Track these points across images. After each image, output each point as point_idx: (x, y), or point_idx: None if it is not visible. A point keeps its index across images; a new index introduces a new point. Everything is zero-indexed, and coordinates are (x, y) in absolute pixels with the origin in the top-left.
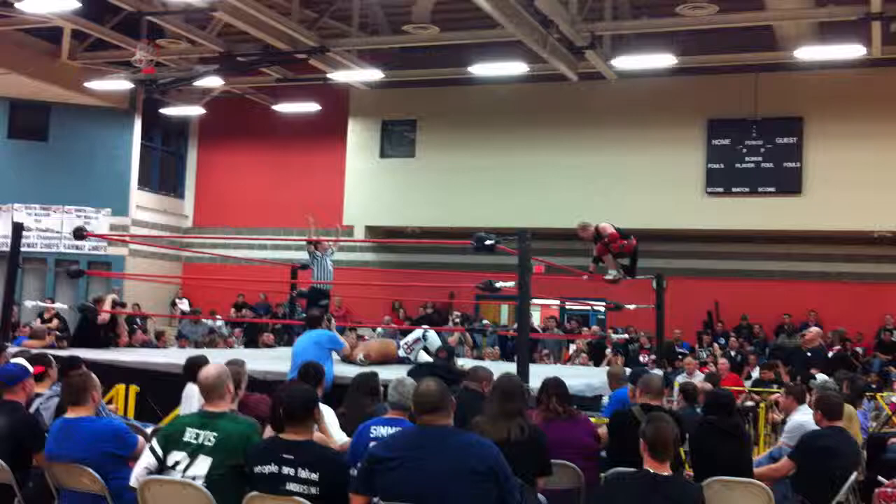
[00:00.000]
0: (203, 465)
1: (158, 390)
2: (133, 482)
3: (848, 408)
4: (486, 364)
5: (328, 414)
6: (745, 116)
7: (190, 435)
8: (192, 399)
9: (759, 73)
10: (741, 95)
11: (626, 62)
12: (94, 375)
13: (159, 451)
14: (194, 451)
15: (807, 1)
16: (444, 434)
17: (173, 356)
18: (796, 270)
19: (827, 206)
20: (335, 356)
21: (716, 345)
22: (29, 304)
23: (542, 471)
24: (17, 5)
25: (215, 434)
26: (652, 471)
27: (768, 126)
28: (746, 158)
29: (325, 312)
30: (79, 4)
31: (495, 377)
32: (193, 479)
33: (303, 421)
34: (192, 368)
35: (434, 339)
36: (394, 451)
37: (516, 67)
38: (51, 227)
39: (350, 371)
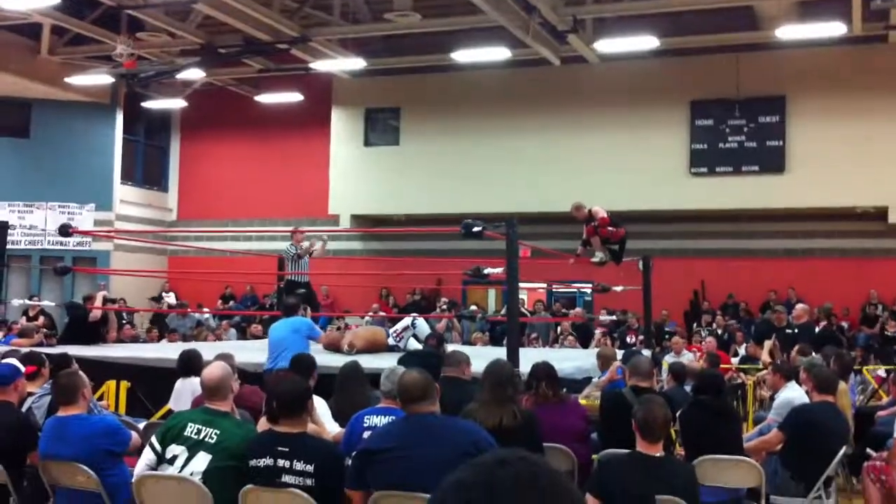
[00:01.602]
0: (202, 461)
1: (149, 385)
2: (134, 480)
3: (840, 384)
4: (476, 349)
5: (320, 405)
6: (728, 96)
7: (191, 430)
8: (182, 394)
9: (741, 53)
10: (723, 76)
11: (608, 45)
12: (82, 374)
13: (157, 447)
14: (194, 447)
15: None
16: (429, 421)
17: (163, 350)
18: (781, 248)
19: (810, 183)
20: (319, 346)
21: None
22: (15, 302)
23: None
24: None
25: (217, 432)
26: (644, 452)
27: (751, 106)
28: (730, 138)
29: (301, 301)
30: (58, 0)
31: (486, 363)
32: (191, 474)
33: (297, 413)
34: (186, 363)
35: (423, 327)
36: (382, 444)
37: (499, 53)
38: (35, 224)
39: (336, 361)
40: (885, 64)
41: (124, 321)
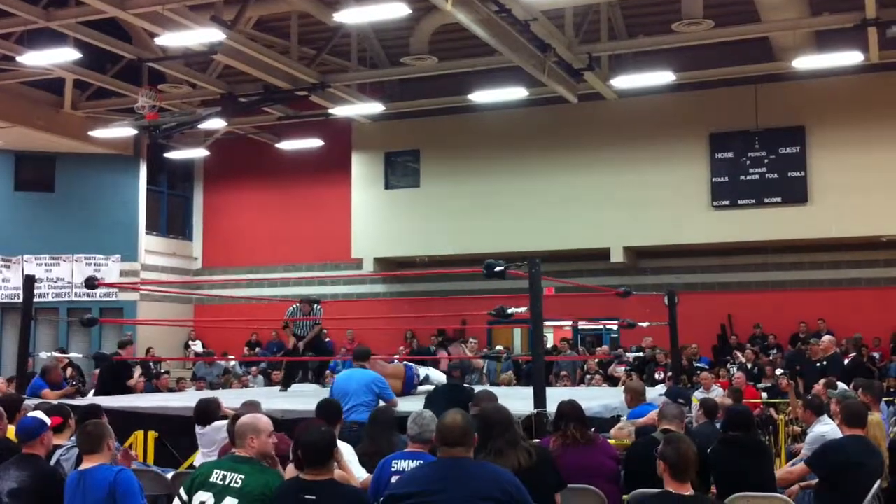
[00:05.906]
0: None
1: (177, 435)
2: None
3: (873, 415)
4: (504, 390)
5: (347, 451)
6: (747, 128)
7: (217, 476)
8: (203, 441)
9: (759, 85)
10: (741, 108)
11: (624, 81)
12: (106, 423)
13: (185, 496)
14: (220, 493)
15: (802, 10)
16: (461, 465)
17: (189, 399)
18: (807, 279)
19: (834, 213)
20: None
21: (736, 355)
22: (43, 355)
23: (556, 487)
24: (18, 59)
25: (242, 477)
26: (674, 491)
27: (770, 137)
28: (751, 170)
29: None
30: (79, 55)
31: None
32: None
33: (323, 461)
34: (203, 411)
35: (437, 377)
36: (409, 488)
37: (516, 92)
38: (61, 277)
39: None
40: None
41: (163, 371)
